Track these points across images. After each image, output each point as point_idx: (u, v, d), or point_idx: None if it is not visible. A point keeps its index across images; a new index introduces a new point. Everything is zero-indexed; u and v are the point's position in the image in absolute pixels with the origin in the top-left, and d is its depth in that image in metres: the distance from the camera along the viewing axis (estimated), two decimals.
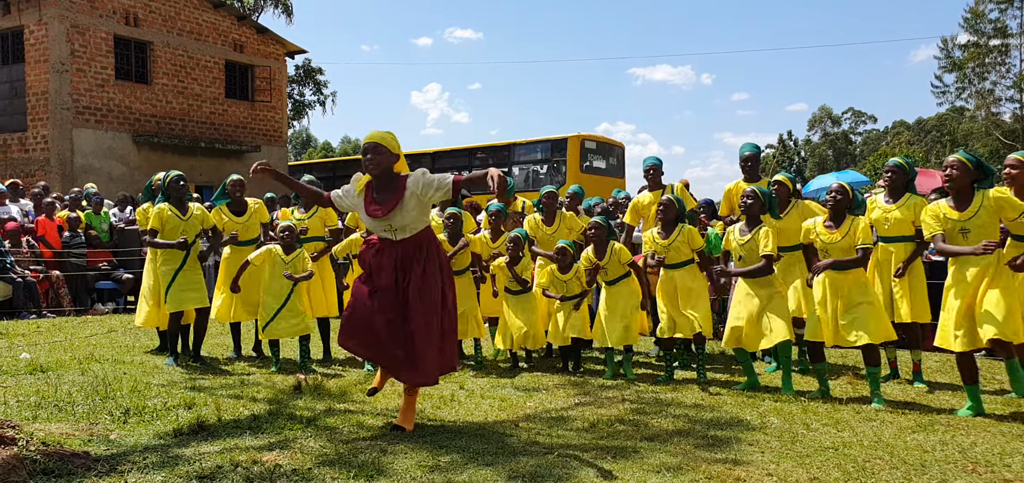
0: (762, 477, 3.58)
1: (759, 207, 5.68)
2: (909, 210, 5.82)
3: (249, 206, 7.17)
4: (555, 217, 7.15)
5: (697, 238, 6.03)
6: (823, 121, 69.51)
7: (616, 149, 20.87)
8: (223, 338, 8.02)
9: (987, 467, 3.80)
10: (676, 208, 6.06)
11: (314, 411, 4.78)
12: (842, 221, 5.33)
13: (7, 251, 10.47)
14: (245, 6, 31.89)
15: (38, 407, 4.72)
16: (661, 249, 6.04)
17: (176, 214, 6.49)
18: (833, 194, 5.41)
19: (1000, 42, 37.98)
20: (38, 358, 6.55)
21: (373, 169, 4.29)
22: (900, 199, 5.91)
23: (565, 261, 6.45)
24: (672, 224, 6.04)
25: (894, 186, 5.96)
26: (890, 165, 6.08)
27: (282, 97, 23.10)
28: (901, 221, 5.84)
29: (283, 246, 6.46)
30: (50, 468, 3.40)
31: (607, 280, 6.31)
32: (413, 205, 4.23)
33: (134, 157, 19.07)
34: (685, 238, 5.99)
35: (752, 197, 5.67)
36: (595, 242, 6.29)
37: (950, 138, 49.57)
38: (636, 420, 4.73)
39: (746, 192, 5.75)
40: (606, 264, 6.23)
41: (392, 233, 4.32)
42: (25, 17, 17.79)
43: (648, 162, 7.36)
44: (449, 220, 6.67)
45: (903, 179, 5.95)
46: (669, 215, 6.04)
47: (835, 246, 5.29)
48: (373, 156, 4.27)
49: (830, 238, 5.33)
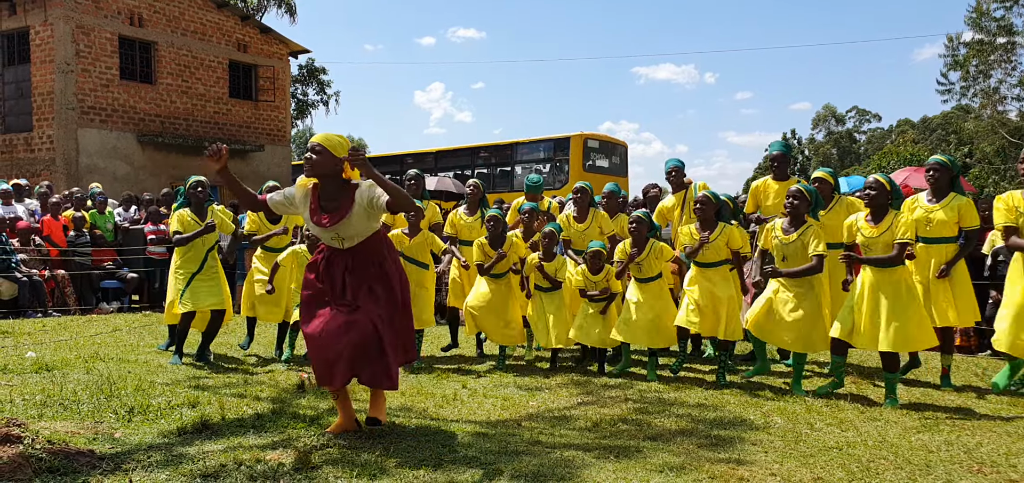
0: (765, 477, 3.58)
1: (805, 207, 5.54)
2: (953, 211, 5.64)
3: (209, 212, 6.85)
4: (587, 213, 7.07)
5: (737, 237, 5.89)
6: (827, 120, 69.35)
7: (619, 148, 20.86)
8: (231, 337, 8.04)
9: (993, 467, 3.79)
10: (714, 204, 5.94)
11: (317, 410, 4.79)
12: (882, 216, 5.22)
13: (13, 250, 10.51)
14: (249, 6, 31.93)
15: (43, 405, 4.74)
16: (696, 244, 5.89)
17: (195, 219, 6.56)
18: (869, 189, 5.29)
19: (1005, 40, 37.83)
20: (43, 357, 6.57)
21: (313, 170, 4.06)
22: (944, 199, 5.70)
23: (597, 264, 6.39)
24: (711, 222, 5.91)
25: (938, 185, 5.74)
26: (933, 162, 5.84)
27: (286, 97, 23.13)
28: (945, 222, 5.64)
29: (309, 246, 6.57)
30: (55, 466, 3.42)
31: (640, 277, 6.21)
32: (362, 215, 4.06)
33: (138, 157, 19.12)
34: (726, 237, 5.87)
35: (798, 197, 5.53)
36: (635, 238, 6.15)
37: (956, 136, 49.40)
38: (639, 419, 4.72)
39: (792, 191, 5.59)
40: (643, 260, 6.13)
41: (339, 242, 4.17)
42: (31, 18, 17.85)
43: (670, 164, 7.24)
44: (490, 223, 6.63)
45: (947, 177, 5.74)
46: (708, 213, 5.91)
47: (877, 241, 5.18)
48: (315, 157, 4.04)
49: (871, 233, 5.22)
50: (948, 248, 5.68)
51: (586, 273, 6.43)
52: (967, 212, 5.63)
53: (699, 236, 5.92)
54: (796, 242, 5.49)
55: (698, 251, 5.91)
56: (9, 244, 10.48)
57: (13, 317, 9.95)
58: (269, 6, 34.05)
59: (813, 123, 70.27)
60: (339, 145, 4.08)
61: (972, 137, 42.84)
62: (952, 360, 5.97)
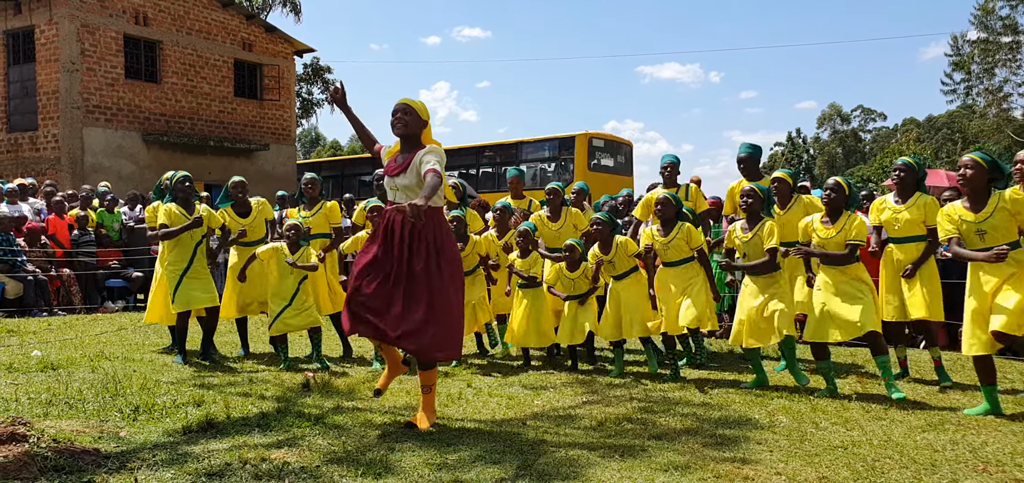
0: (771, 476, 3.57)
1: (759, 204, 5.70)
2: (920, 210, 5.75)
3: (253, 206, 7.21)
4: (561, 213, 7.15)
5: (696, 236, 6.02)
6: (832, 119, 69.20)
7: (624, 147, 20.83)
8: (232, 336, 8.05)
9: (998, 467, 3.78)
10: (674, 206, 6.09)
11: (322, 409, 4.80)
12: (838, 217, 5.36)
13: (20, 249, 10.54)
14: (254, 5, 31.97)
15: (49, 404, 4.75)
16: (660, 246, 6.07)
17: (183, 214, 6.53)
18: (828, 190, 5.44)
19: (1011, 39, 37.70)
20: (49, 356, 6.59)
21: (399, 129, 4.43)
22: (910, 199, 5.83)
23: (573, 258, 6.45)
24: (671, 222, 6.06)
25: (904, 185, 5.87)
26: (899, 164, 6.01)
27: (291, 95, 23.16)
28: (911, 221, 5.76)
29: (289, 244, 6.51)
30: (60, 465, 3.42)
31: (615, 275, 6.30)
32: (414, 171, 4.35)
33: (144, 156, 19.16)
34: (684, 236, 6.00)
35: (751, 195, 5.70)
36: (600, 238, 6.30)
37: (961, 136, 49.26)
38: (644, 418, 4.72)
39: (744, 190, 5.77)
40: (612, 258, 6.23)
41: (394, 193, 4.45)
42: (36, 17, 17.90)
43: (666, 159, 7.29)
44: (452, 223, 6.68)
45: (913, 178, 5.87)
46: (668, 213, 6.06)
47: (831, 242, 5.34)
48: (401, 116, 4.43)
49: (826, 234, 5.38)
50: (917, 246, 5.80)
51: (564, 269, 6.46)
52: (932, 211, 5.71)
53: (660, 237, 6.09)
54: (754, 239, 5.63)
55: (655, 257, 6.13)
56: (16, 243, 10.51)
57: (19, 316, 9.98)
58: (274, 5, 34.08)
59: (818, 122, 70.17)
60: (422, 109, 4.49)
61: (977, 136, 42.69)
62: (939, 352, 6.03)
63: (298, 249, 6.53)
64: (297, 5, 34.24)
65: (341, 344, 7.29)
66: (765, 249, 5.55)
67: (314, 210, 7.32)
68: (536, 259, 6.69)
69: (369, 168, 24.11)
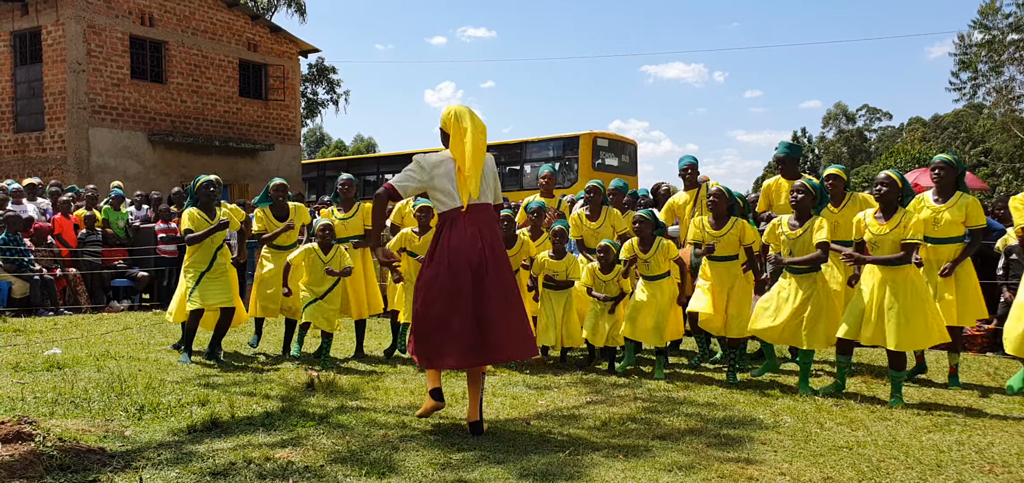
0: (775, 476, 3.56)
1: (811, 201, 5.52)
2: (960, 210, 5.63)
3: (291, 210, 7.23)
4: (600, 211, 7.04)
5: (749, 232, 5.89)
6: (838, 118, 68.95)
7: (628, 147, 20.80)
8: (241, 335, 8.07)
9: (1004, 467, 3.76)
10: (727, 199, 5.95)
11: (326, 408, 4.80)
12: (892, 213, 5.18)
13: (27, 249, 10.58)
14: (259, 5, 32.05)
15: (55, 403, 4.77)
16: (711, 239, 5.92)
17: (205, 218, 6.59)
18: (879, 185, 5.25)
19: (1018, 37, 37.49)
20: (54, 355, 6.62)
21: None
22: (950, 198, 5.69)
23: (607, 260, 6.39)
24: (724, 216, 5.93)
25: (943, 184, 5.72)
26: (939, 161, 5.81)
27: (296, 96, 23.20)
28: (952, 222, 5.63)
29: (321, 244, 6.55)
30: (66, 464, 3.44)
31: (647, 275, 6.20)
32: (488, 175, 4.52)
33: (149, 156, 19.21)
34: (738, 232, 5.87)
35: (803, 191, 5.51)
36: (640, 236, 6.17)
37: (967, 135, 49.04)
38: (648, 418, 4.71)
39: (796, 185, 5.58)
40: (650, 257, 6.13)
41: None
42: (43, 18, 17.96)
43: (685, 161, 7.23)
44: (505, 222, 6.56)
45: (953, 176, 5.72)
46: (721, 207, 5.93)
47: (885, 239, 5.14)
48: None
49: (879, 230, 5.18)
50: (955, 248, 5.66)
51: (597, 271, 6.42)
52: (974, 211, 5.62)
53: (711, 229, 5.92)
54: (804, 236, 5.46)
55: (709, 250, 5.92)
56: (23, 243, 10.55)
57: (25, 315, 10.02)
58: (279, 5, 34.17)
59: (823, 121, 69.91)
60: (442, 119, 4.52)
61: (984, 135, 42.49)
62: (959, 359, 5.94)
63: (330, 249, 6.60)
64: (302, 5, 34.34)
65: (355, 344, 7.29)
66: (815, 242, 5.37)
67: (351, 212, 7.27)
68: (571, 260, 6.61)
69: (374, 168, 24.13)
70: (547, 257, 6.58)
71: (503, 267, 4.36)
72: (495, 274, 4.28)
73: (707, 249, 5.93)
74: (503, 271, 4.35)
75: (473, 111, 4.44)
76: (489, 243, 4.31)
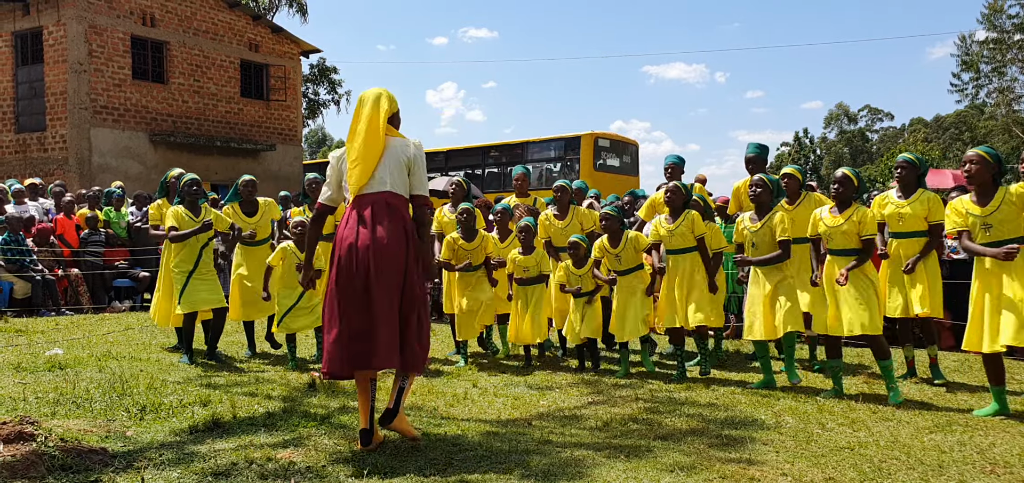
0: (776, 477, 3.56)
1: (768, 195, 5.72)
2: (922, 205, 5.82)
3: (260, 205, 7.22)
4: (568, 211, 7.12)
5: (700, 224, 6.04)
6: (839, 118, 68.97)
7: (630, 147, 20.79)
8: (238, 336, 8.08)
9: (1006, 468, 3.76)
10: (683, 194, 6.13)
11: (328, 408, 4.80)
12: (845, 208, 5.36)
13: (29, 250, 10.59)
14: (260, 6, 32.06)
15: (56, 403, 4.77)
16: (666, 234, 6.07)
17: (190, 217, 6.57)
18: (836, 183, 5.44)
19: (1020, 38, 37.45)
20: (56, 355, 6.62)
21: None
22: (913, 195, 5.90)
23: (578, 254, 6.44)
24: (679, 210, 6.09)
25: (906, 182, 5.95)
26: (900, 161, 6.09)
27: (297, 96, 23.21)
28: (914, 217, 5.83)
29: (296, 241, 6.53)
30: (68, 464, 3.44)
31: (620, 270, 6.28)
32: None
33: (151, 156, 19.23)
34: (689, 224, 6.01)
35: (760, 185, 5.72)
36: (609, 233, 6.28)
37: (969, 135, 49.02)
38: (649, 419, 4.71)
39: (754, 180, 5.80)
40: (619, 252, 6.21)
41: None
42: (44, 18, 17.98)
43: (669, 160, 7.32)
44: (462, 215, 6.72)
45: (915, 174, 5.96)
46: (676, 201, 6.09)
47: (838, 231, 5.32)
48: None
49: (832, 223, 5.36)
50: (919, 242, 5.84)
51: (570, 267, 6.46)
52: (934, 207, 5.81)
53: (666, 224, 6.10)
54: (763, 229, 5.65)
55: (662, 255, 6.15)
56: (25, 243, 10.56)
57: (27, 316, 10.03)
58: (280, 6, 34.17)
59: (825, 122, 69.99)
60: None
61: (986, 136, 42.45)
62: (937, 350, 6.07)
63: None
64: (304, 6, 34.33)
65: None
66: (777, 240, 5.56)
67: None
68: (542, 256, 6.69)
69: None
70: (517, 254, 6.64)
71: (387, 262, 3.82)
72: (377, 269, 3.80)
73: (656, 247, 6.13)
74: (385, 266, 3.81)
75: (385, 94, 3.99)
76: (378, 235, 3.82)
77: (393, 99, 4.04)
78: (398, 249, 3.86)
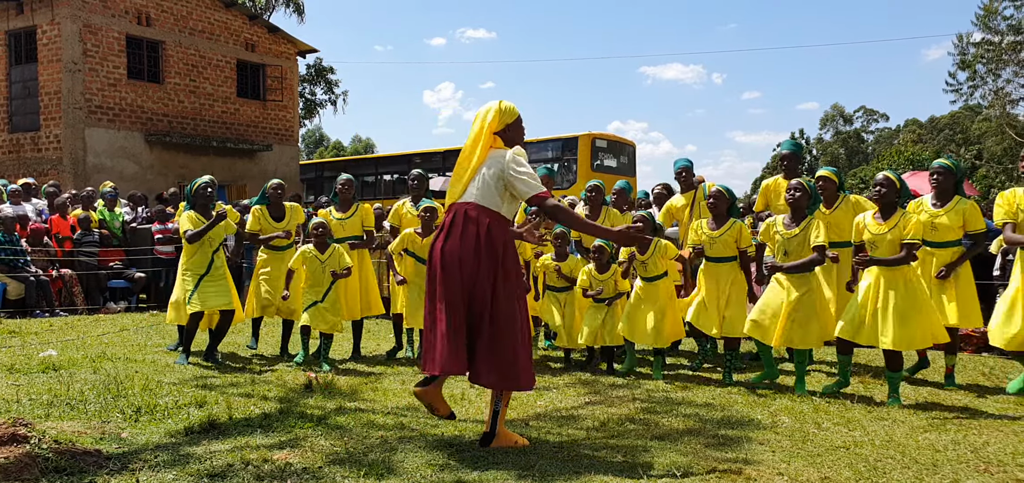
0: (773, 476, 3.56)
1: (806, 199, 5.54)
2: (958, 215, 5.64)
3: (287, 209, 7.24)
4: (600, 212, 7.03)
5: (746, 236, 5.89)
6: (835, 119, 69.07)
7: (627, 148, 20.80)
8: (241, 337, 8.06)
9: (1000, 467, 3.77)
10: (728, 200, 5.95)
11: (325, 410, 4.79)
12: (891, 214, 5.20)
13: (23, 250, 10.55)
14: (257, 5, 31.98)
15: (50, 405, 4.75)
16: (706, 240, 5.92)
17: (202, 221, 6.61)
18: (878, 187, 5.26)
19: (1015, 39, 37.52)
20: (50, 356, 6.60)
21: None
22: (949, 203, 5.71)
23: (602, 260, 6.40)
24: (723, 217, 5.92)
25: (942, 189, 5.73)
26: (937, 166, 5.83)
27: (294, 96, 23.15)
28: (949, 226, 5.64)
29: (316, 244, 6.53)
30: (62, 466, 3.42)
31: (645, 276, 6.20)
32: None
33: (146, 156, 19.16)
34: (734, 233, 5.86)
35: (800, 190, 5.53)
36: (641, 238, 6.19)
37: (963, 136, 49.11)
38: (646, 419, 4.71)
39: (792, 184, 5.60)
40: (648, 259, 6.13)
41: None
42: (38, 17, 17.90)
43: (679, 164, 7.25)
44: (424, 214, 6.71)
45: (951, 182, 5.73)
46: (721, 207, 5.92)
47: (883, 239, 5.16)
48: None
49: (878, 230, 5.20)
50: (952, 251, 5.68)
51: (593, 272, 6.43)
52: (972, 216, 5.63)
53: (708, 230, 5.92)
54: (799, 236, 5.48)
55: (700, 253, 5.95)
56: (19, 243, 10.52)
57: (20, 317, 9.99)
58: (277, 5, 34.10)
59: (821, 123, 70.09)
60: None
61: (980, 137, 42.54)
62: (956, 360, 5.95)
63: (327, 248, 6.59)
64: (300, 5, 34.26)
65: (352, 345, 7.29)
66: (812, 245, 5.38)
67: (349, 213, 7.29)
68: (575, 261, 6.65)
69: (372, 169, 24.11)
70: (549, 260, 6.61)
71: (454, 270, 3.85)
72: (443, 277, 3.86)
73: (696, 250, 5.96)
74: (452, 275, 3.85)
75: (495, 108, 4.05)
76: (449, 245, 3.88)
77: (505, 111, 4.04)
78: (467, 258, 3.84)
